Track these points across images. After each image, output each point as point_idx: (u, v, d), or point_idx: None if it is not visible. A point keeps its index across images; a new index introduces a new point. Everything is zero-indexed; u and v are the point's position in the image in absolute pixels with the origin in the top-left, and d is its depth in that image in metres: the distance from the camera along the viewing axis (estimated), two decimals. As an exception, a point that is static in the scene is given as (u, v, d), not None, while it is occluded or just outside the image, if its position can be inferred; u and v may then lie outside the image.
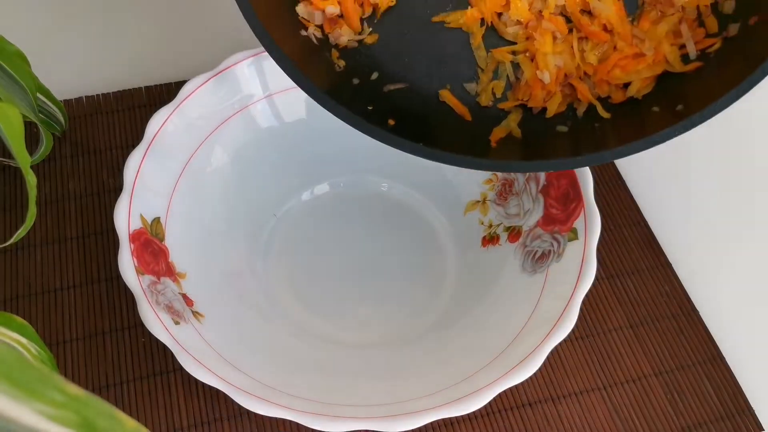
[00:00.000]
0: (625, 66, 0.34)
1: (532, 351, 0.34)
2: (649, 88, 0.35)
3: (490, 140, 0.36)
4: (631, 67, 0.34)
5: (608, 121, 0.35)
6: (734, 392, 0.41)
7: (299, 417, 0.32)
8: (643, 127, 0.33)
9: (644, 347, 0.43)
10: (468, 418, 0.39)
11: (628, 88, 0.35)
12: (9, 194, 0.46)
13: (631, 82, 0.35)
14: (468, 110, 0.37)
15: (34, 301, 0.42)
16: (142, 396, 0.39)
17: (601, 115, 0.35)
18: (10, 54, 0.39)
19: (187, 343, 0.34)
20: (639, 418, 0.40)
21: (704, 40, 0.33)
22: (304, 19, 0.36)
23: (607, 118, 0.35)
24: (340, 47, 0.36)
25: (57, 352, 0.40)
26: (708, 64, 0.33)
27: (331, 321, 0.42)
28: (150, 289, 0.36)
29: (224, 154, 0.43)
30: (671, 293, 0.45)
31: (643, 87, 0.35)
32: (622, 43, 0.35)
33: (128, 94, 0.51)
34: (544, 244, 0.40)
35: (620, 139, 0.33)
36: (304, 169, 0.46)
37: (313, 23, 0.36)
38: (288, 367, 0.37)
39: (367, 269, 0.45)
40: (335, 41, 0.36)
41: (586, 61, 0.35)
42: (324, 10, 0.35)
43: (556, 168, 0.34)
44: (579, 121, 0.36)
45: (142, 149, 0.39)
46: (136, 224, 0.38)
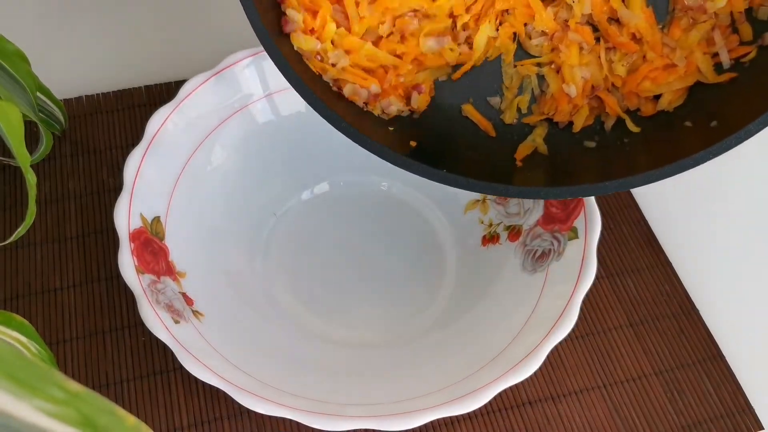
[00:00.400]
0: (656, 78, 0.33)
1: (532, 350, 0.34)
2: (680, 100, 0.33)
3: (516, 158, 0.35)
4: (661, 78, 0.33)
5: (638, 136, 0.34)
6: (734, 391, 0.41)
7: (299, 416, 0.32)
8: (674, 143, 0.32)
9: (644, 346, 0.43)
10: (468, 417, 0.39)
11: (659, 101, 0.33)
12: (9, 193, 0.46)
13: (661, 94, 0.33)
14: (492, 126, 0.36)
15: (34, 300, 0.42)
16: (142, 395, 0.39)
17: (630, 130, 0.34)
18: (10, 53, 0.39)
19: (187, 342, 0.34)
20: (639, 416, 0.40)
21: (738, 48, 0.32)
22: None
23: (636, 132, 0.33)
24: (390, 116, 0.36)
25: (57, 351, 0.40)
26: (743, 74, 0.32)
27: (331, 320, 0.42)
28: (150, 288, 0.36)
29: (224, 153, 0.43)
30: (671, 292, 0.45)
31: (675, 99, 0.33)
32: (652, 54, 0.33)
33: (128, 94, 0.51)
34: (544, 243, 0.40)
35: (651, 158, 0.31)
36: (304, 168, 0.46)
37: (360, 101, 0.35)
38: (288, 366, 0.37)
39: (367, 268, 0.45)
40: (385, 111, 0.36)
41: (615, 73, 0.34)
42: (369, 88, 0.35)
43: (584, 195, 0.32)
44: (607, 135, 0.35)
45: (142, 148, 0.39)
46: (136, 223, 0.38)
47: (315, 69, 0.34)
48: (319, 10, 0.33)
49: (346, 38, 0.34)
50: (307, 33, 0.34)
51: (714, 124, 0.30)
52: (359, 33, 0.34)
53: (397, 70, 0.35)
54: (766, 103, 0.28)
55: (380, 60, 0.35)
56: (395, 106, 0.36)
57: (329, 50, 0.34)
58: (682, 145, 0.31)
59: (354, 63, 0.34)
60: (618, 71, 0.34)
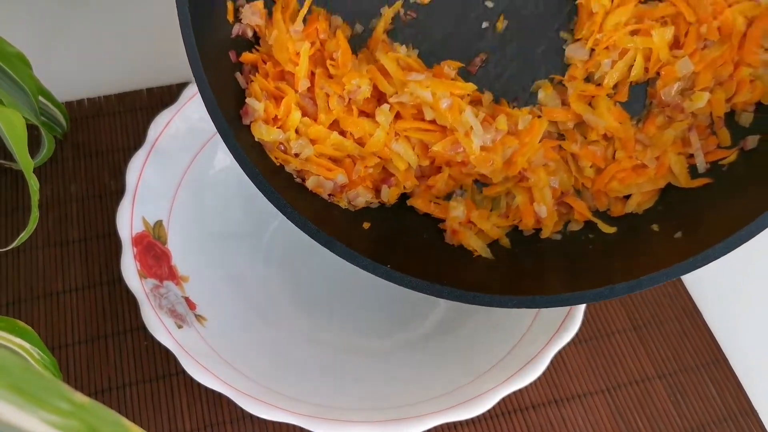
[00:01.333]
0: (624, 179, 0.32)
1: (536, 354, 0.34)
2: (650, 202, 0.32)
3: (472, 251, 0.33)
4: (630, 179, 0.32)
5: (601, 237, 0.32)
6: (737, 394, 0.41)
7: (302, 421, 0.32)
8: (639, 249, 0.30)
9: (647, 350, 0.42)
10: (471, 422, 0.39)
11: (628, 203, 0.32)
12: (10, 197, 0.46)
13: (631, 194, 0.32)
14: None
15: (36, 305, 0.42)
16: (145, 399, 0.39)
17: (594, 228, 0.32)
18: (12, 56, 0.39)
19: (189, 347, 0.34)
20: (642, 420, 0.40)
21: (716, 151, 0.31)
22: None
23: (610, 233, 0.32)
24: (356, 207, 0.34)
25: (59, 355, 0.40)
26: (719, 181, 0.30)
27: (334, 324, 0.42)
28: (153, 293, 0.36)
29: (227, 156, 0.43)
30: (674, 295, 0.45)
31: (644, 201, 0.32)
32: (622, 153, 0.32)
33: (130, 96, 0.51)
34: (547, 247, 0.40)
35: (615, 262, 0.30)
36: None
37: (324, 193, 0.33)
38: (291, 371, 0.37)
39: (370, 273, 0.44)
40: (352, 203, 0.34)
41: (584, 175, 0.33)
42: (335, 179, 0.33)
43: (541, 306, 0.29)
44: (573, 233, 0.33)
45: (144, 152, 0.39)
46: (138, 227, 0.37)
47: (276, 160, 0.33)
48: (284, 96, 0.32)
49: (312, 127, 0.32)
50: (269, 122, 0.32)
51: (678, 236, 0.29)
52: (326, 123, 0.33)
53: (365, 161, 0.33)
54: (738, 220, 0.27)
55: (348, 150, 0.33)
56: (363, 198, 0.34)
57: (292, 139, 0.32)
58: (646, 252, 0.30)
59: (319, 153, 0.33)
60: (587, 173, 0.33)
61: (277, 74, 0.33)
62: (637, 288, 0.28)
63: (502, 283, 0.31)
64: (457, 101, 0.32)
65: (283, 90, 0.32)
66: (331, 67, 0.33)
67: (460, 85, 0.32)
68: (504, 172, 0.33)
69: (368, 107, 0.33)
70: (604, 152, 0.32)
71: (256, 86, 0.32)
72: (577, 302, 0.28)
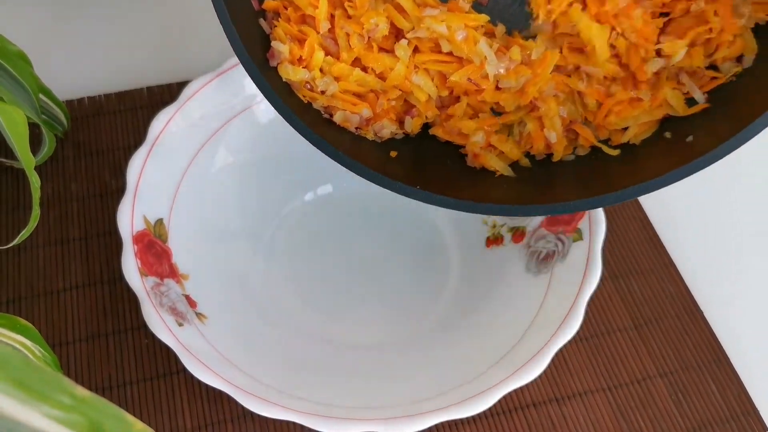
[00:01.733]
0: (620, 111, 0.32)
1: (537, 352, 0.34)
2: (647, 133, 0.32)
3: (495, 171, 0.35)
4: (626, 112, 0.32)
5: (609, 157, 0.33)
6: (739, 393, 0.41)
7: (304, 419, 0.32)
8: (648, 160, 0.32)
9: (649, 348, 0.42)
10: (473, 420, 0.39)
11: (625, 133, 0.33)
12: (11, 195, 0.46)
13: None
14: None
15: (37, 303, 0.42)
16: (146, 398, 0.39)
17: (600, 151, 0.33)
18: (12, 55, 0.39)
19: (190, 345, 0.34)
20: (644, 419, 0.40)
21: (712, 81, 0.31)
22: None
23: (614, 155, 0.33)
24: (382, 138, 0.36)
25: (60, 353, 0.40)
26: (716, 103, 0.31)
27: (335, 322, 0.42)
28: (153, 291, 0.36)
29: (227, 154, 0.43)
30: (675, 293, 0.45)
31: (641, 132, 0.32)
32: (617, 88, 0.33)
33: (130, 95, 0.51)
34: (548, 245, 0.40)
35: (622, 173, 0.31)
36: (307, 170, 0.46)
37: (352, 127, 0.35)
38: (292, 369, 0.37)
39: (371, 270, 0.44)
40: (378, 134, 0.35)
41: (588, 110, 0.34)
42: (361, 113, 0.35)
43: (559, 212, 0.31)
44: (580, 157, 0.34)
45: (145, 150, 0.39)
46: (139, 225, 0.37)
47: (304, 98, 0.34)
48: (306, 38, 0.33)
49: (335, 65, 0.34)
50: (295, 63, 0.33)
51: (689, 139, 0.30)
52: (348, 61, 0.34)
53: (387, 95, 0.35)
54: (738, 123, 0.28)
55: (370, 85, 0.34)
56: (388, 129, 0.35)
57: (318, 78, 0.34)
58: (655, 160, 0.31)
59: (343, 89, 0.34)
60: (591, 108, 0.34)
61: (298, 18, 0.34)
62: (651, 188, 0.29)
63: (524, 197, 0.33)
64: (471, 33, 0.33)
65: (306, 32, 0.33)
66: (349, 8, 0.34)
67: (473, 17, 0.33)
68: (516, 101, 0.34)
69: (387, 44, 0.34)
70: (607, 90, 0.33)
71: (280, 30, 0.33)
72: (595, 206, 0.30)
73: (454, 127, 0.35)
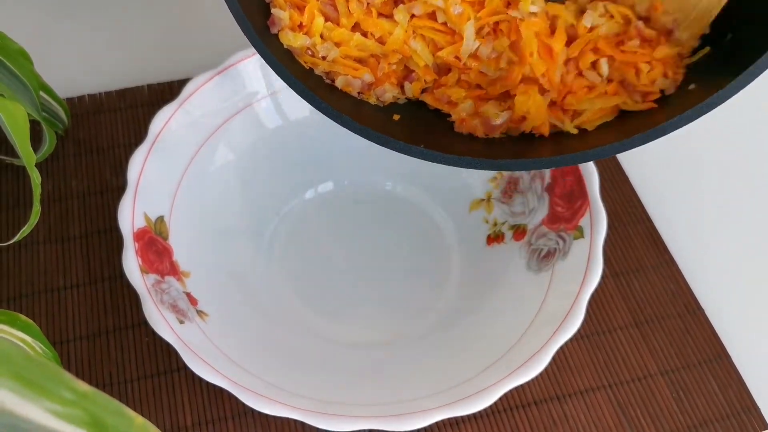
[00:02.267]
0: (578, 95, 0.32)
1: (538, 350, 0.34)
2: (604, 119, 0.32)
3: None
4: (582, 94, 0.32)
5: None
6: (740, 391, 0.41)
7: (304, 416, 0.32)
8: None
9: (650, 346, 0.42)
10: (473, 417, 0.39)
11: (579, 119, 0.33)
12: (11, 192, 0.46)
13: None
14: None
15: (38, 300, 0.42)
16: (146, 395, 0.39)
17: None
18: (13, 52, 0.39)
19: (191, 342, 0.34)
20: (645, 416, 0.40)
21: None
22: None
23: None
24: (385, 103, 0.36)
25: (60, 351, 0.40)
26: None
27: (336, 319, 0.42)
28: (154, 288, 0.36)
29: (228, 151, 0.43)
30: (676, 291, 0.45)
31: (596, 119, 0.32)
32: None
33: (131, 93, 0.51)
34: (549, 243, 0.40)
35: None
36: (308, 167, 0.46)
37: (354, 91, 0.35)
38: (293, 366, 0.37)
39: (372, 268, 0.44)
40: (380, 99, 0.36)
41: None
42: (362, 78, 0.35)
43: (550, 165, 0.32)
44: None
45: (145, 147, 0.39)
46: (139, 223, 0.37)
47: (306, 64, 0.35)
48: (306, 5, 0.34)
49: (335, 31, 0.34)
50: (295, 29, 0.34)
51: (692, 87, 0.30)
52: (348, 26, 0.34)
53: (388, 59, 0.35)
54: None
55: (370, 49, 0.35)
56: (390, 93, 0.35)
57: (318, 44, 0.34)
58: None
59: (344, 54, 0.35)
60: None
61: None
62: (627, 146, 0.30)
63: (514, 154, 0.33)
64: (468, 10, 0.33)
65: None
66: None
67: None
68: (499, 89, 0.34)
69: (386, 10, 0.35)
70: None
71: None
72: (590, 158, 0.31)
73: (443, 95, 0.35)
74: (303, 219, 0.46)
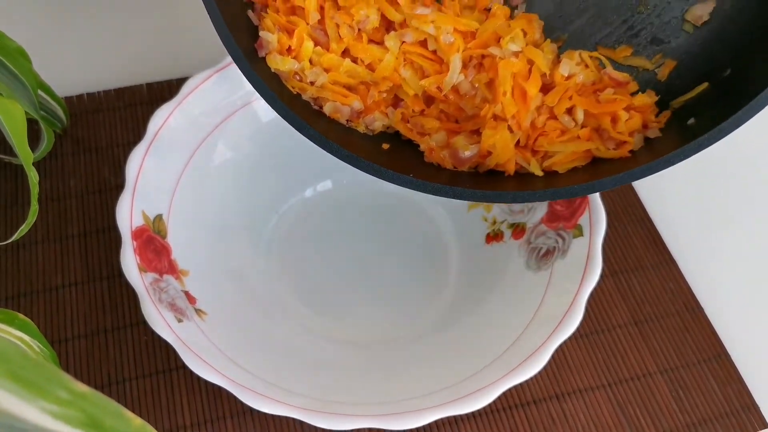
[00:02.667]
0: (549, 135, 0.32)
1: (537, 348, 0.34)
2: (580, 162, 0.32)
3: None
4: (554, 136, 0.32)
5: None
6: (739, 389, 0.41)
7: (303, 415, 0.32)
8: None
9: (649, 344, 0.42)
10: (472, 416, 0.39)
11: (550, 160, 0.32)
12: (9, 192, 0.46)
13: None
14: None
15: (36, 299, 0.42)
16: (145, 394, 0.39)
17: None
18: (12, 50, 0.39)
19: (190, 341, 0.34)
20: (644, 415, 0.40)
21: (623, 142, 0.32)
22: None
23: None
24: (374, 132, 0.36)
25: (59, 350, 0.40)
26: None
27: (334, 318, 0.42)
28: (153, 287, 0.36)
29: (227, 150, 0.43)
30: (676, 290, 0.45)
31: (567, 161, 0.32)
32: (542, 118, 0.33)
33: (129, 91, 0.51)
34: (548, 241, 0.40)
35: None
36: (307, 166, 0.46)
37: (342, 119, 0.35)
38: (292, 365, 0.37)
39: (371, 266, 0.44)
40: (369, 127, 0.35)
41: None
42: (351, 105, 0.35)
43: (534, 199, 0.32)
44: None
45: (144, 146, 0.39)
46: (138, 221, 0.37)
47: (294, 89, 0.34)
48: (296, 28, 0.33)
49: (325, 56, 0.34)
50: (284, 53, 0.33)
51: (691, 122, 0.30)
52: (338, 51, 0.34)
53: (378, 86, 0.35)
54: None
55: (360, 76, 0.34)
56: (380, 122, 0.35)
57: (307, 69, 0.34)
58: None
59: (333, 80, 0.34)
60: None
61: (287, 9, 0.34)
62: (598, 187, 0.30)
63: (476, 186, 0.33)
64: (458, 42, 0.33)
65: (295, 22, 0.33)
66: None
67: (464, 22, 0.33)
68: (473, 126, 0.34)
69: (377, 36, 0.34)
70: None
71: (269, 21, 0.33)
72: (574, 194, 0.31)
73: (417, 124, 0.35)
74: (302, 218, 0.46)
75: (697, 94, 0.31)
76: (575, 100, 0.32)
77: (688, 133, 0.29)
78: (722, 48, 0.31)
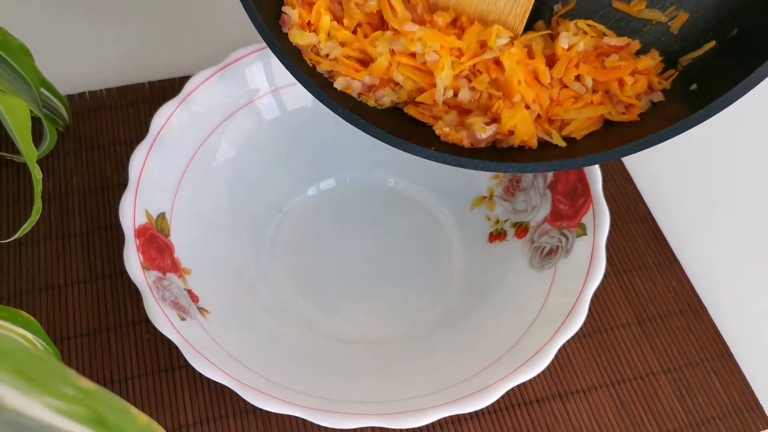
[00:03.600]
0: (565, 106, 0.33)
1: (541, 348, 0.34)
2: (591, 128, 0.33)
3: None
4: (568, 105, 0.33)
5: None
6: (743, 389, 0.41)
7: (306, 413, 0.32)
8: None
9: (652, 344, 0.42)
10: (476, 415, 0.39)
11: (567, 128, 0.33)
12: (12, 189, 0.46)
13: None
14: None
15: (39, 297, 0.42)
16: (147, 393, 0.39)
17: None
18: (14, 48, 0.39)
19: (193, 339, 0.34)
20: (647, 415, 0.40)
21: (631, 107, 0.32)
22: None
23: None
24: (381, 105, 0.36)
25: (61, 348, 0.40)
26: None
27: (338, 317, 0.42)
28: (156, 285, 0.36)
29: (230, 148, 0.43)
30: (679, 289, 0.45)
31: (584, 128, 0.33)
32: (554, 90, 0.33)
33: (132, 90, 0.51)
34: (552, 240, 0.40)
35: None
36: (310, 165, 0.46)
37: (354, 93, 0.35)
38: (294, 364, 0.37)
39: (374, 265, 0.44)
40: (378, 102, 0.36)
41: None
42: (363, 80, 0.35)
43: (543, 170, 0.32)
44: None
45: (147, 144, 0.39)
46: (141, 219, 0.37)
47: (310, 62, 0.35)
48: (315, 3, 0.34)
49: (340, 31, 0.35)
50: (304, 27, 0.34)
51: (693, 87, 0.31)
52: (350, 27, 0.35)
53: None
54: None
55: (371, 54, 0.35)
56: (389, 98, 0.36)
57: (323, 41, 0.35)
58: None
59: (347, 54, 0.35)
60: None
61: None
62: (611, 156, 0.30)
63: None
64: (444, 59, 0.34)
65: None
66: None
67: (450, 40, 0.34)
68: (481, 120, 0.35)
69: (374, 20, 0.35)
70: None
71: None
72: (590, 163, 0.31)
73: (427, 108, 0.35)
74: (305, 216, 0.46)
75: (704, 53, 0.31)
76: (581, 69, 0.33)
77: (693, 99, 0.29)
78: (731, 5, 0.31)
